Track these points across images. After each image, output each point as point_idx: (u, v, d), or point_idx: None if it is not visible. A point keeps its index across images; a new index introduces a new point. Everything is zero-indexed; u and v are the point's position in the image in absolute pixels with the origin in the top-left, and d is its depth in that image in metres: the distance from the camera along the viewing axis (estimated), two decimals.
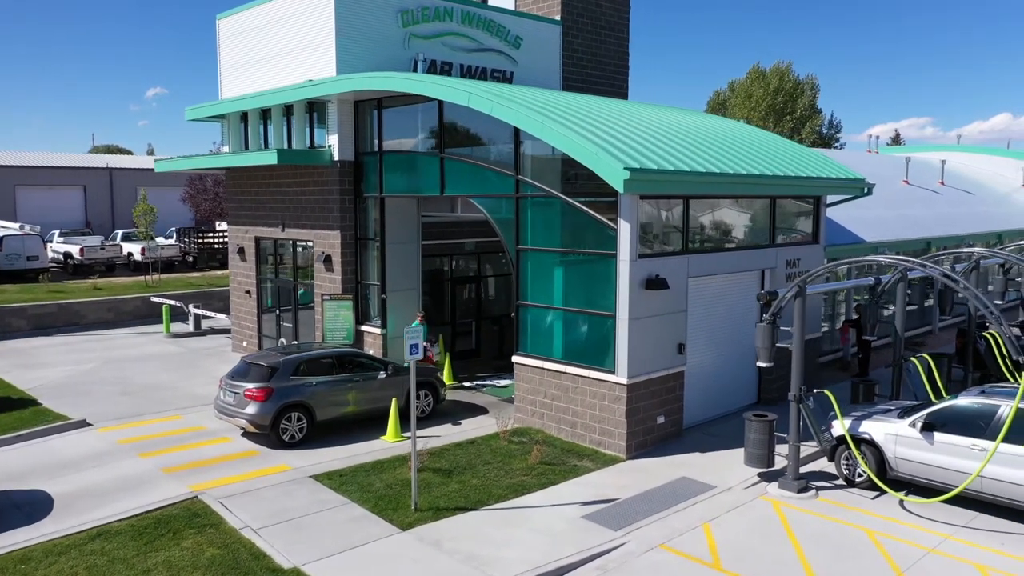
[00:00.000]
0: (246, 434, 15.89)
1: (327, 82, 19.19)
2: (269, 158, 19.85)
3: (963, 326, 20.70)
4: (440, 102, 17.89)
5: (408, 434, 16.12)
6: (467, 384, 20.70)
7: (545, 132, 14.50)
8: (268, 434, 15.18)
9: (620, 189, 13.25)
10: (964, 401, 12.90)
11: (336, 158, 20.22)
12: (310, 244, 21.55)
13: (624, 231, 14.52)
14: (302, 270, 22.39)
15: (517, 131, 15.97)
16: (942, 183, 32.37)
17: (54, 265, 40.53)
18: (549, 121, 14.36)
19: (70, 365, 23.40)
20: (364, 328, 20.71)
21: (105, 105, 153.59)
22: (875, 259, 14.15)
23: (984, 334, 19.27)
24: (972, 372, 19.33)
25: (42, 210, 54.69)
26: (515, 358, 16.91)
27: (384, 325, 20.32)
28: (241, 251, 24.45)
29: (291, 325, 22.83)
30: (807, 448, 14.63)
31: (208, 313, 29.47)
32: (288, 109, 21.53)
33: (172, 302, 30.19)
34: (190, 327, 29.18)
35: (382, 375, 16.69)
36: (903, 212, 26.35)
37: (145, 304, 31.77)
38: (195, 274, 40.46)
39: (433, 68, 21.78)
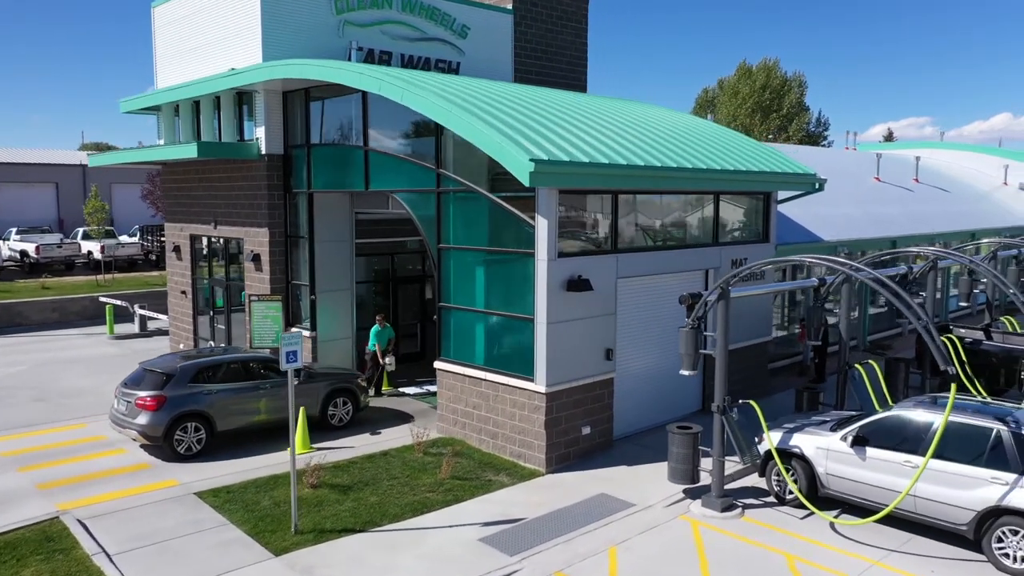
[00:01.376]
0: (144, 445, 14.85)
1: (247, 71, 18.18)
2: (189, 151, 18.82)
3: None
4: (364, 93, 16.87)
5: (320, 445, 15.23)
6: (403, 390, 19.68)
7: (452, 120, 13.47)
8: (162, 446, 14.15)
9: (526, 182, 12.22)
10: (899, 413, 11.88)
11: (263, 151, 19.18)
12: (242, 242, 20.52)
13: (542, 228, 13.50)
14: (236, 270, 21.36)
15: (439, 123, 14.94)
16: (916, 180, 31.32)
17: (11, 263, 39.53)
18: (457, 109, 13.32)
19: None
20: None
21: (106, 103, 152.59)
22: (800, 259, 13.06)
23: (943, 338, 18.21)
24: (930, 378, 18.31)
25: (13, 207, 53.66)
26: (437, 364, 15.89)
27: (314, 327, 19.29)
28: (177, 249, 23.44)
29: (224, 327, 21.82)
30: (739, 463, 13.59)
31: (153, 314, 28.43)
32: (218, 100, 20.50)
33: (118, 302, 29.15)
34: (136, 328, 28.16)
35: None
36: (870, 210, 25.31)
37: (93, 304, 30.76)
38: (155, 273, 39.39)
39: (371, 57, 20.77)
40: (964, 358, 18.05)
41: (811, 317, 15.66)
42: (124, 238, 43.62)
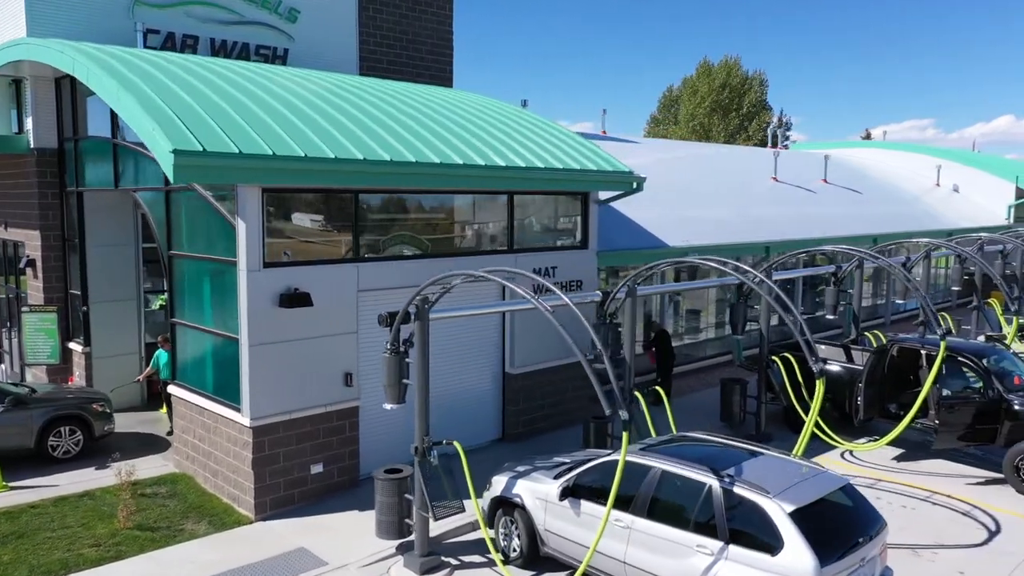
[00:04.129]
0: None
1: None
2: None
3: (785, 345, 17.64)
4: None
5: (18, 484, 13.19)
6: None
7: (119, 105, 11.43)
8: None
9: (170, 176, 10.15)
10: (616, 458, 9.80)
11: (32, 145, 17.13)
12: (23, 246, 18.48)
13: (243, 233, 11.44)
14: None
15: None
16: (825, 181, 29.25)
17: None
18: (125, 93, 11.16)
19: None
20: (72, 346, 17.63)
21: None
22: (484, 274, 10.58)
23: (774, 358, 16.18)
24: (768, 402, 16.28)
25: None
26: (170, 388, 13.87)
27: (88, 342, 17.21)
28: None
29: (17, 341, 19.73)
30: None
31: None
32: None
33: None
34: None
35: None
36: (750, 212, 23.23)
37: None
38: None
39: (171, 42, 18.70)
40: (801, 380, 16.02)
41: (600, 336, 13.54)
42: None
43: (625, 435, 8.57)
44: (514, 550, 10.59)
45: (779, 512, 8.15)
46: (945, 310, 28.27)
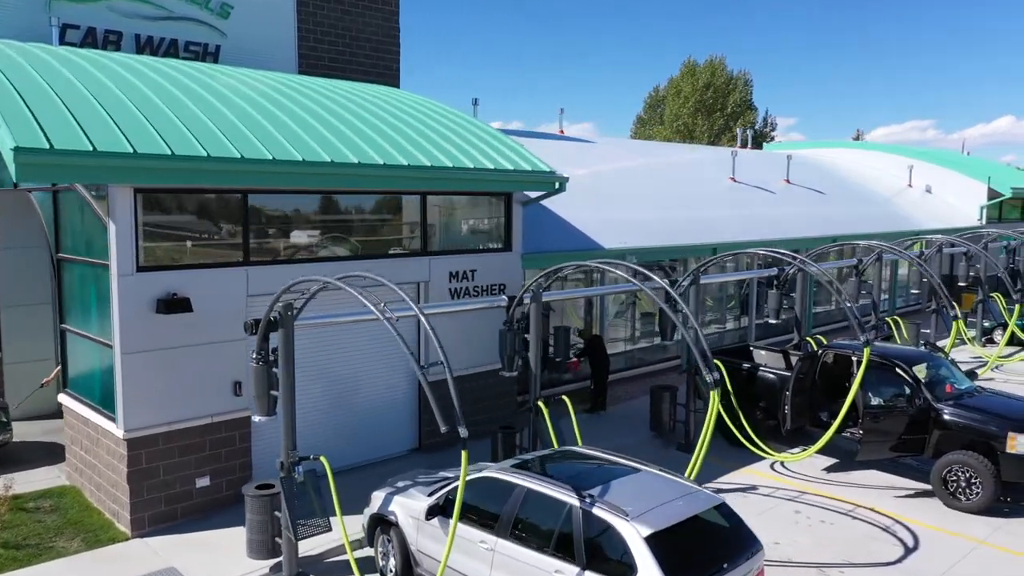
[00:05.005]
0: None
1: None
2: None
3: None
4: None
5: None
6: None
7: None
8: None
9: (13, 175, 9.57)
10: (487, 475, 9.22)
11: None
12: None
13: (114, 235, 10.87)
14: None
15: None
16: (788, 182, 28.67)
17: None
18: None
19: None
20: None
21: None
22: (328, 280, 9.80)
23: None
24: (695, 410, 15.70)
25: None
26: (60, 397, 13.30)
27: None
28: None
29: None
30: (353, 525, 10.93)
31: None
32: None
33: None
34: None
35: None
36: (700, 214, 22.64)
37: None
38: None
39: (92, 38, 18.11)
40: (730, 388, 15.42)
41: (504, 343, 13.00)
42: None
43: (464, 454, 7.98)
44: (390, 571, 10.02)
45: (635, 536, 7.57)
46: (914, 313, 27.81)
